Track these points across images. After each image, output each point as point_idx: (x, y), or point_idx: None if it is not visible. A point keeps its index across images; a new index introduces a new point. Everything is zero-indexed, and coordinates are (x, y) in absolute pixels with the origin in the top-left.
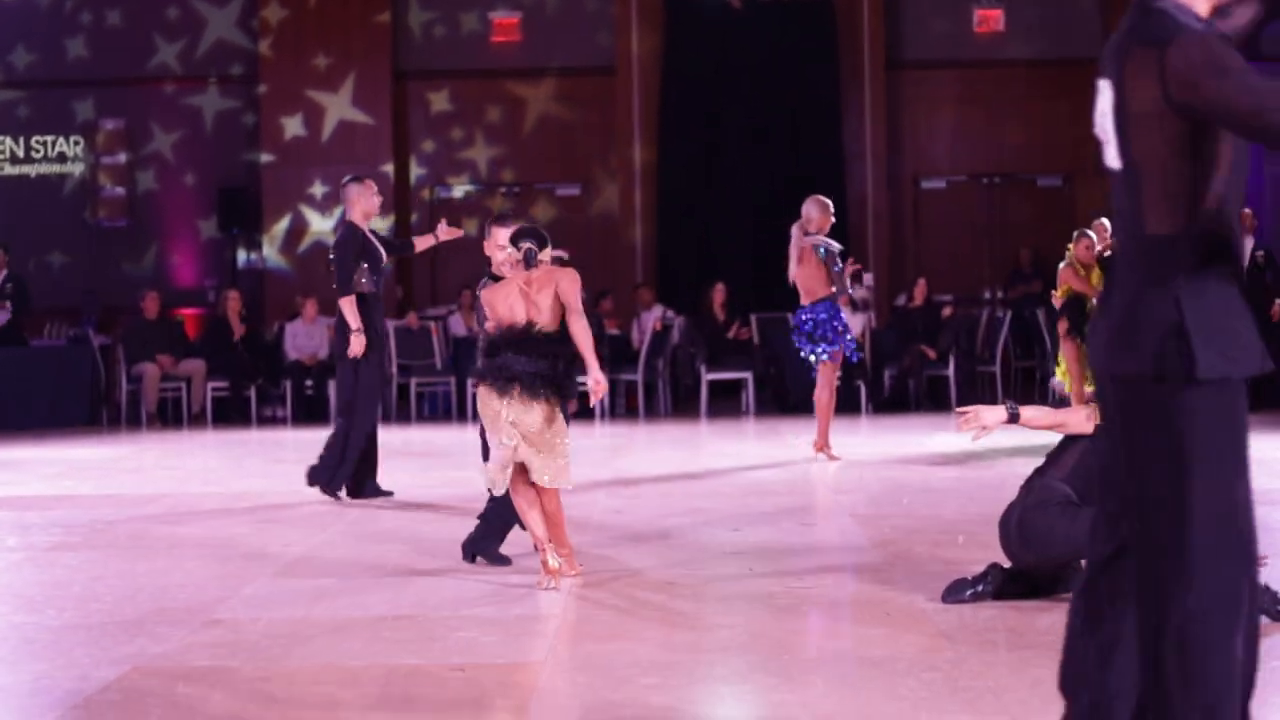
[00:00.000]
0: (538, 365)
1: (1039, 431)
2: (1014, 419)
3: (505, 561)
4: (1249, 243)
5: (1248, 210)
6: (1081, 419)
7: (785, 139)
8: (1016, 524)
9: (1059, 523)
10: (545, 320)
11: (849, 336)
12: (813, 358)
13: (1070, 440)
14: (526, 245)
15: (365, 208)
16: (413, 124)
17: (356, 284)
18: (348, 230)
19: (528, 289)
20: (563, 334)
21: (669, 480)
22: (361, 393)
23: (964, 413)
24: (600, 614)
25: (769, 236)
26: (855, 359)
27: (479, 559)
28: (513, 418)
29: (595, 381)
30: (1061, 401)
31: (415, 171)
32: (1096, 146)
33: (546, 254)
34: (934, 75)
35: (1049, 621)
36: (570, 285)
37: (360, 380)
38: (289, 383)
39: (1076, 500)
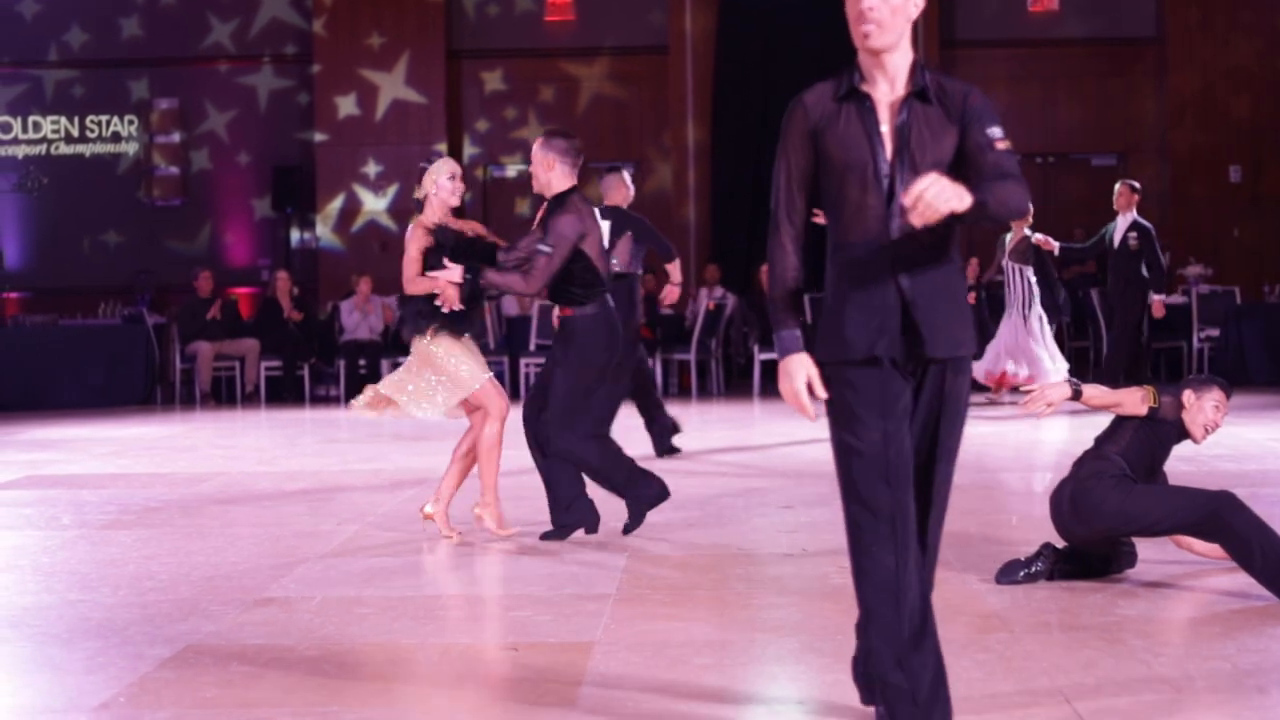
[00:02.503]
0: None
1: (1098, 416)
2: (1076, 396)
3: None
4: (1124, 221)
5: (1129, 184)
6: (1136, 400)
7: None
8: (1069, 497)
9: (1111, 495)
10: None
11: None
12: None
13: (1123, 419)
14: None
15: (626, 196)
16: (466, 103)
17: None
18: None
19: None
20: None
21: (722, 459)
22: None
23: (1028, 391)
24: (653, 594)
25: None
26: None
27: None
28: None
29: None
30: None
31: (469, 151)
32: (1150, 126)
33: None
34: (988, 54)
35: (1102, 602)
36: None
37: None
38: (342, 362)
39: (1131, 476)
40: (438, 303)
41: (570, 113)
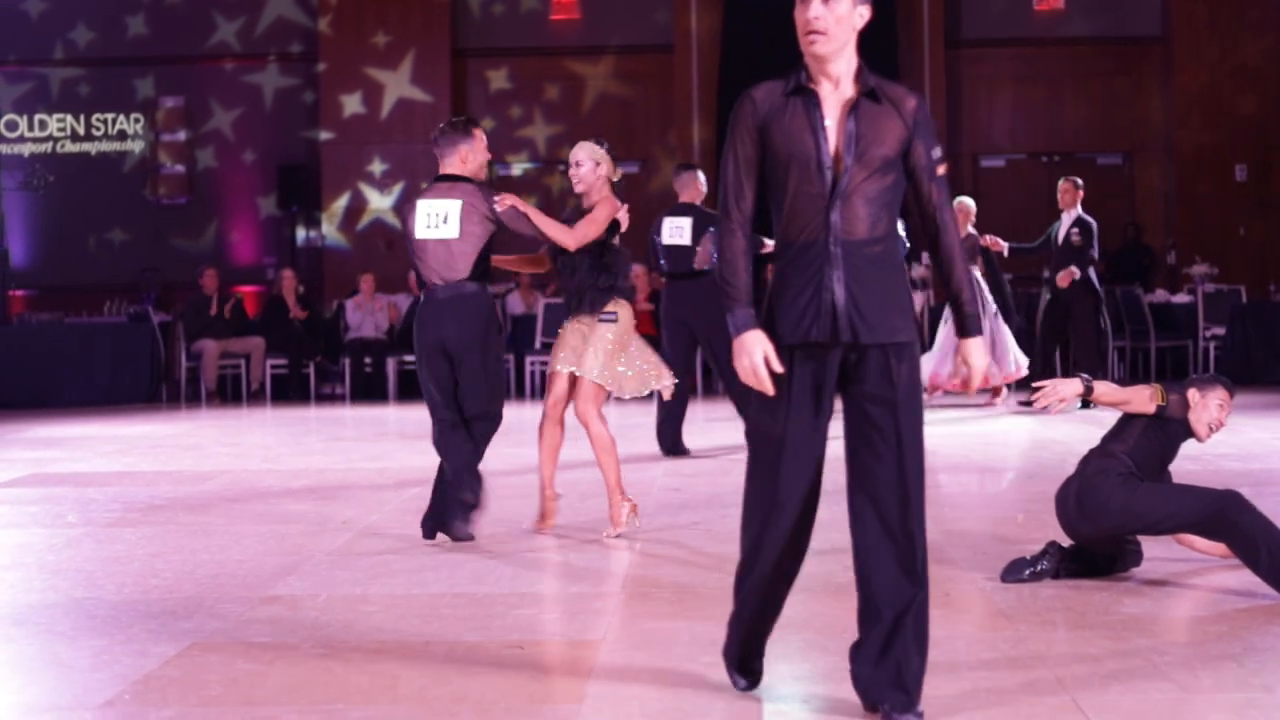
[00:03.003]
0: None
1: (1104, 415)
2: (1088, 392)
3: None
4: (1068, 218)
5: (1072, 180)
6: (1145, 399)
7: None
8: (1075, 495)
9: (1117, 494)
10: None
11: None
12: None
13: (1131, 417)
14: None
15: (700, 192)
16: (472, 102)
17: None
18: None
19: None
20: None
21: (727, 457)
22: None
23: (1039, 387)
24: (659, 592)
25: None
26: None
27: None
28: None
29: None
30: None
31: None
32: (1156, 125)
33: None
34: (994, 53)
35: (1108, 600)
36: None
37: None
38: (348, 360)
39: (1138, 474)
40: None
41: (575, 111)
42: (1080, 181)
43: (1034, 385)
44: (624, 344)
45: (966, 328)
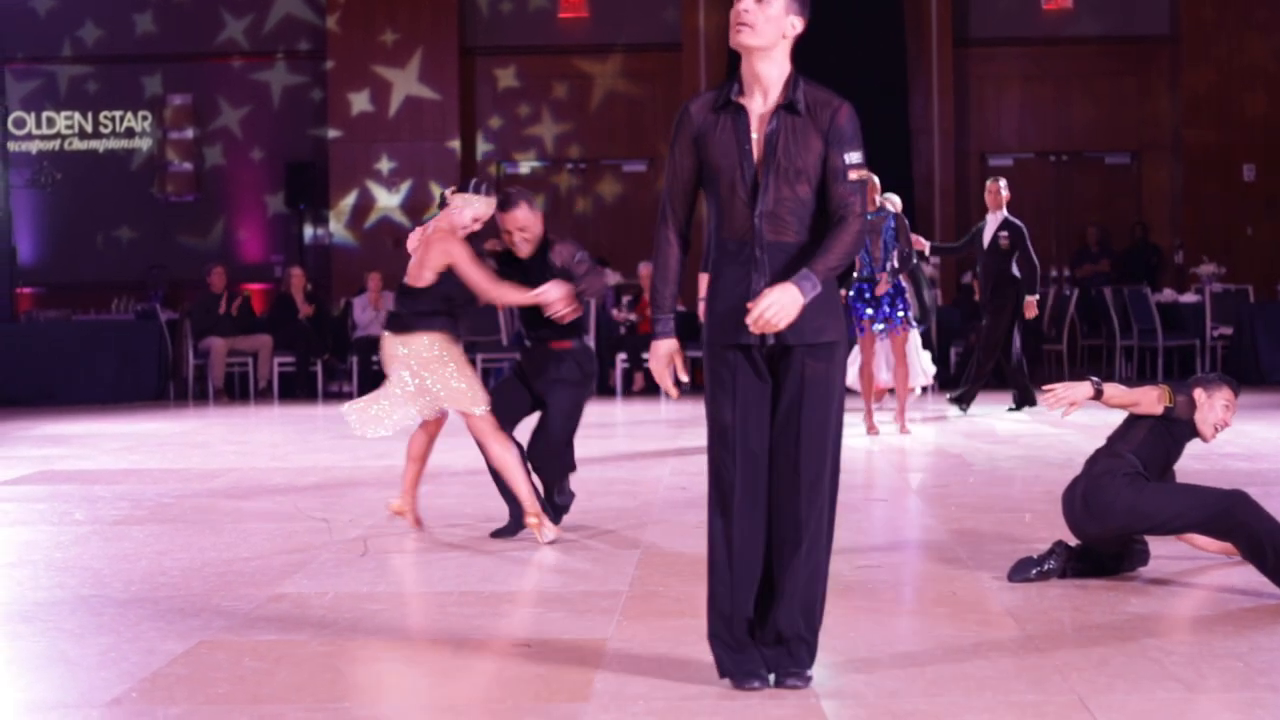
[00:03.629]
0: None
1: (1111, 416)
2: (1098, 395)
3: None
4: (994, 220)
5: (999, 182)
6: (1153, 399)
7: None
8: (1082, 494)
9: (1124, 493)
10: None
11: (899, 314)
12: (880, 326)
13: (1137, 417)
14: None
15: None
16: (480, 100)
17: None
18: None
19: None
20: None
21: None
22: None
23: (1050, 389)
24: (666, 591)
25: None
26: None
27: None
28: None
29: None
30: None
31: (482, 148)
32: (1164, 124)
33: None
34: (1001, 52)
35: (1115, 600)
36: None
37: None
38: (355, 358)
39: (1145, 474)
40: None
41: (583, 110)
42: (1006, 183)
43: (1044, 388)
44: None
45: (796, 276)
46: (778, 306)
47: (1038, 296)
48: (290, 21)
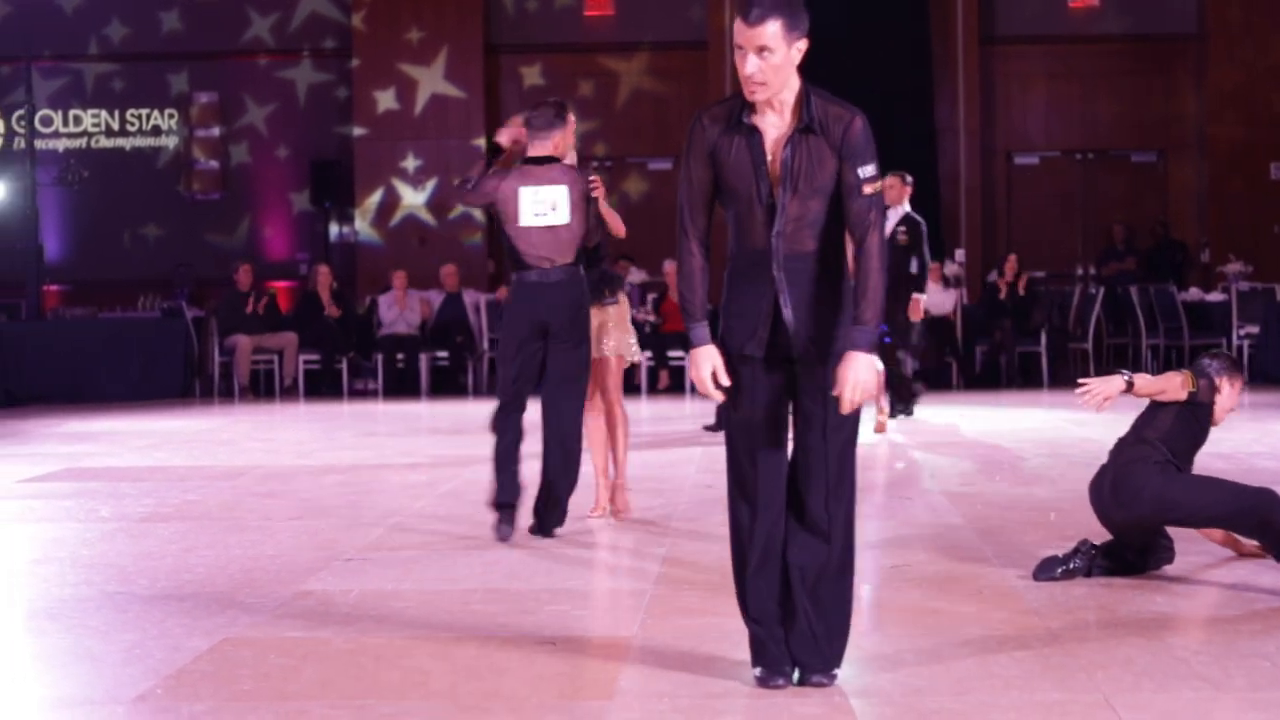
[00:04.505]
0: None
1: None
2: (1129, 387)
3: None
4: (894, 215)
5: (900, 176)
6: (1177, 385)
7: (878, 114)
8: (1110, 481)
9: (1153, 480)
10: None
11: None
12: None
13: (1160, 404)
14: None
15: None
16: (505, 98)
17: None
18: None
19: None
20: None
21: None
22: None
23: (1083, 384)
24: (690, 589)
25: None
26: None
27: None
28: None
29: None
30: None
31: None
32: (1190, 122)
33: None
34: (1027, 50)
35: (1140, 599)
36: None
37: None
38: (380, 356)
39: (1174, 462)
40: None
41: (609, 108)
42: (910, 178)
43: (1078, 381)
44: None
45: (853, 339)
46: (860, 386)
47: (926, 296)
48: (316, 19)
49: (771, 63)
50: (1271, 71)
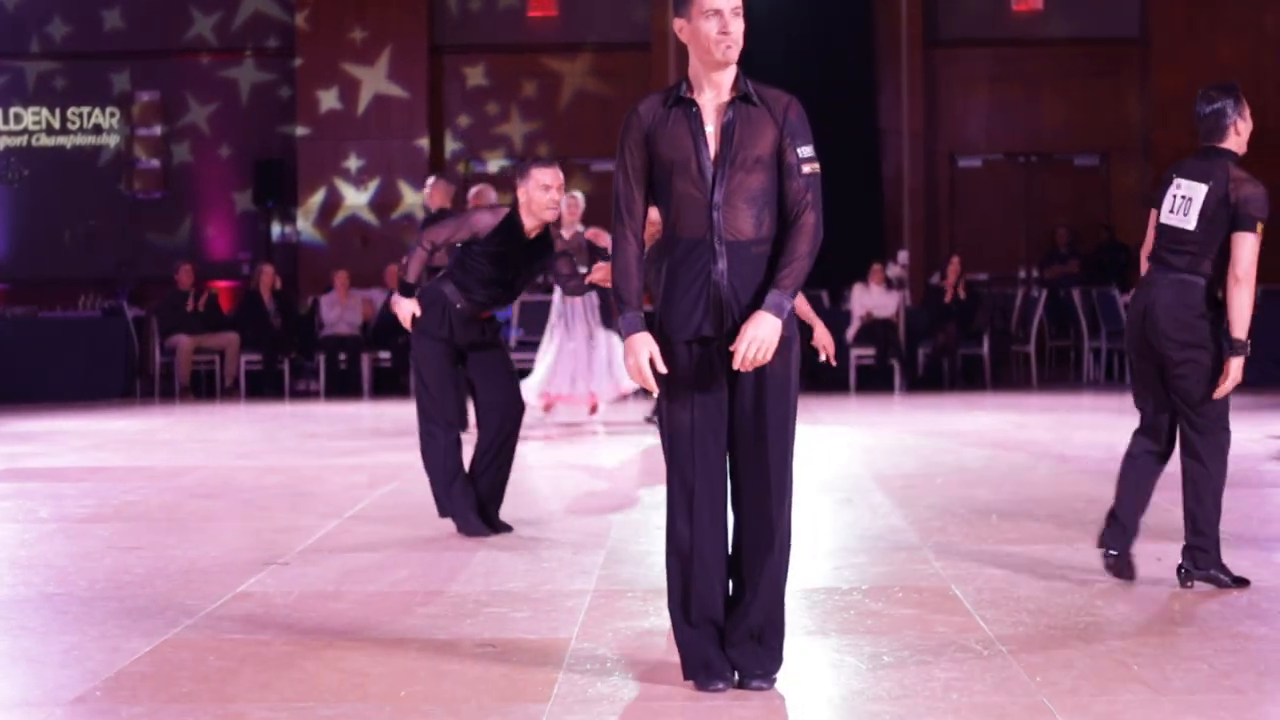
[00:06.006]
0: None
1: (1079, 417)
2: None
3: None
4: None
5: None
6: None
7: (821, 116)
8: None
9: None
10: None
11: None
12: None
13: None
14: None
15: None
16: (448, 98)
17: None
18: None
19: None
20: None
21: None
22: None
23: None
24: (631, 591)
25: None
26: None
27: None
28: None
29: None
30: None
31: (450, 146)
32: (1134, 126)
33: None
34: (971, 53)
35: (1081, 603)
36: None
37: None
38: (322, 356)
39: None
40: None
41: (552, 108)
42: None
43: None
44: None
45: (767, 300)
46: (759, 343)
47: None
48: (259, 18)
49: (740, 26)
50: (1215, 75)
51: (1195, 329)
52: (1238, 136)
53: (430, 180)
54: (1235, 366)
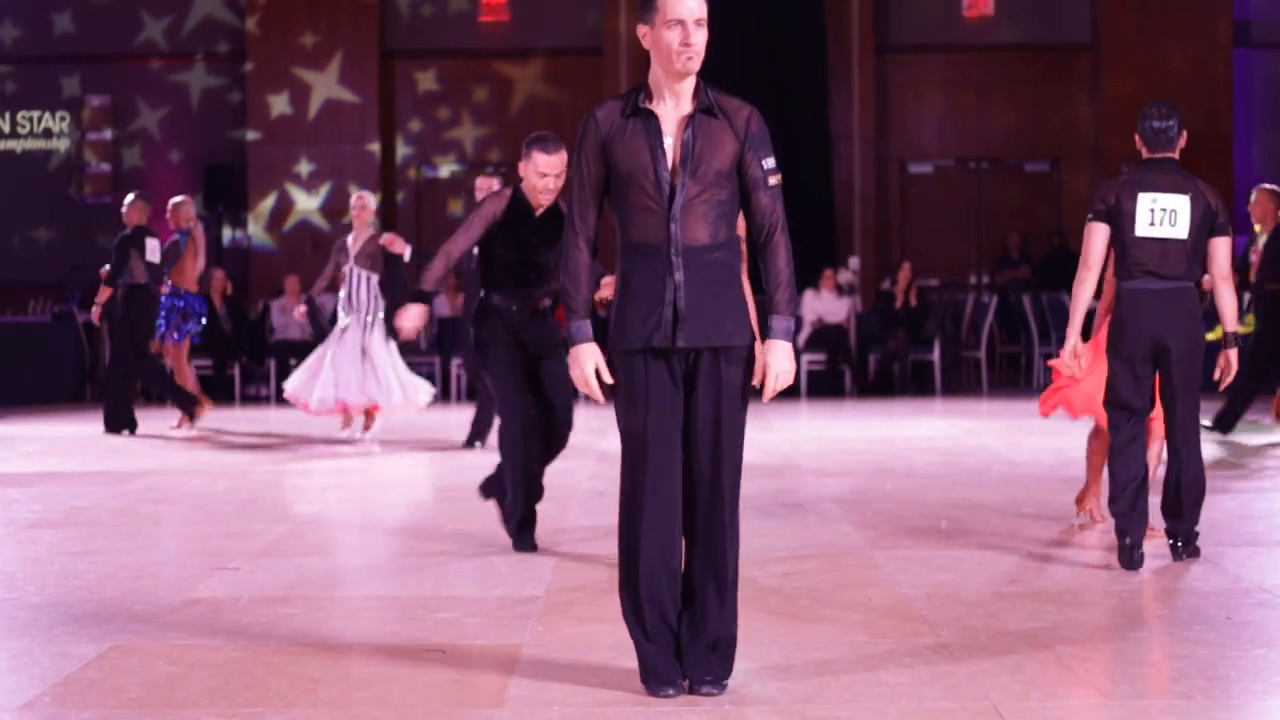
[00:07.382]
0: None
1: (1029, 423)
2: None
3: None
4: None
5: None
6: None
7: (773, 121)
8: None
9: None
10: None
11: None
12: None
13: None
14: None
15: None
16: (400, 103)
17: None
18: None
19: None
20: None
21: None
22: None
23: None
24: (581, 596)
25: None
26: None
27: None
28: None
29: None
30: None
31: (401, 151)
32: (1085, 132)
33: None
34: (922, 59)
35: (1029, 607)
36: None
37: None
38: (273, 361)
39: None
40: None
41: (504, 114)
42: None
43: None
44: None
45: (772, 327)
46: (784, 375)
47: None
48: (209, 23)
49: (703, 37)
50: (1165, 80)
51: (1199, 328)
52: (1181, 148)
53: (129, 198)
54: (1234, 356)
